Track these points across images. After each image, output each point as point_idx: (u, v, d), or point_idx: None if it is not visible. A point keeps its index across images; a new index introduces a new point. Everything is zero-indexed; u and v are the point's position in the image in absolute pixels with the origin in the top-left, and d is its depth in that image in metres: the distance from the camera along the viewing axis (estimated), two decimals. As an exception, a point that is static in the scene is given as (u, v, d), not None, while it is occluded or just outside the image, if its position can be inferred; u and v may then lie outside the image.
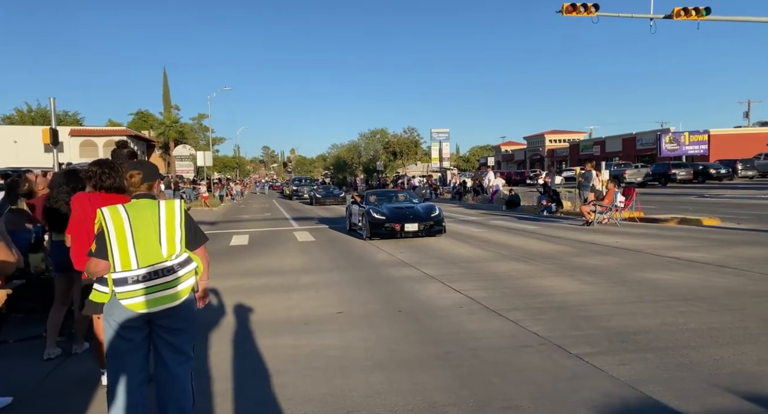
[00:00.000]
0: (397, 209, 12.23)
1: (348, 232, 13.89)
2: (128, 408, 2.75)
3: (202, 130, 58.41)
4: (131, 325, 2.72)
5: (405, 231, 11.59)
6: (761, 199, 20.08)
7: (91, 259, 2.72)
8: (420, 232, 11.69)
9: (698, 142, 45.66)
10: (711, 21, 17.60)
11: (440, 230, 11.94)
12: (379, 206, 12.52)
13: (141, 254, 2.69)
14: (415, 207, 12.54)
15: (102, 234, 2.70)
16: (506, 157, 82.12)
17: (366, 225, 11.93)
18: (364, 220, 12.08)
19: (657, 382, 3.55)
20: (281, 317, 5.62)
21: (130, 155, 4.29)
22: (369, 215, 11.88)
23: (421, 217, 11.92)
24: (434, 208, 12.58)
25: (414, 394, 3.49)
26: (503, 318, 5.27)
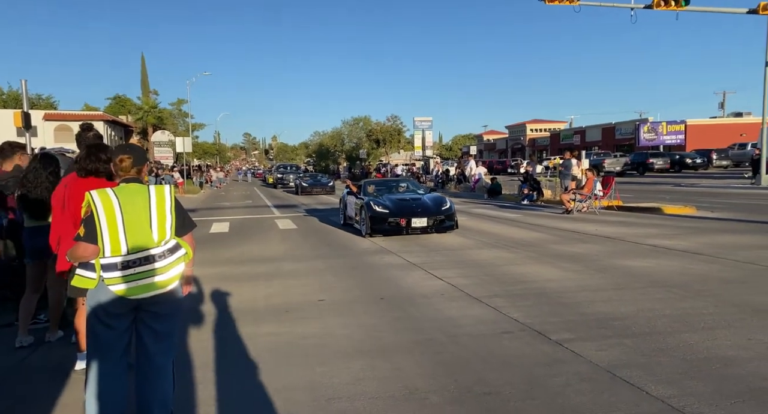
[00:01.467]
0: (401, 201, 10.55)
1: (342, 226, 12.33)
2: (108, 395, 2.70)
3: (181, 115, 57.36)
4: (118, 311, 2.68)
5: (412, 227, 10.00)
6: (734, 188, 20.55)
7: (79, 243, 2.63)
8: (429, 228, 10.10)
9: (675, 132, 46.50)
10: (689, 11, 17.81)
11: (452, 226, 10.39)
12: (380, 198, 10.81)
13: (131, 239, 2.64)
14: (422, 199, 10.76)
15: (91, 218, 2.62)
16: (488, 146, 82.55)
17: (365, 220, 10.26)
18: (363, 213, 10.42)
19: (634, 366, 3.61)
20: (262, 305, 5.57)
21: (95, 138, 4.17)
22: (369, 208, 10.20)
23: (429, 210, 10.20)
24: (444, 200, 10.75)
25: (395, 380, 3.50)
26: (484, 305, 5.30)
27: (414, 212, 10.11)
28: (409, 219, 9.99)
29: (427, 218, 10.04)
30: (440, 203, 10.53)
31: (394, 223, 10.04)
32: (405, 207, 10.30)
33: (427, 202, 10.60)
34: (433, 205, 10.44)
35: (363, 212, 10.46)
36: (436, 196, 11.10)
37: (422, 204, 10.45)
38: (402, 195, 11.38)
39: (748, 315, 4.70)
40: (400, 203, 10.45)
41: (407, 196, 11.11)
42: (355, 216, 11.28)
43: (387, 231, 10.12)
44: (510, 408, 3.07)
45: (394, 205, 10.29)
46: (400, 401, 3.19)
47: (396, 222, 10.02)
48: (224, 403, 3.26)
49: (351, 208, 11.83)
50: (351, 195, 12.06)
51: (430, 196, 11.10)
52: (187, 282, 3.05)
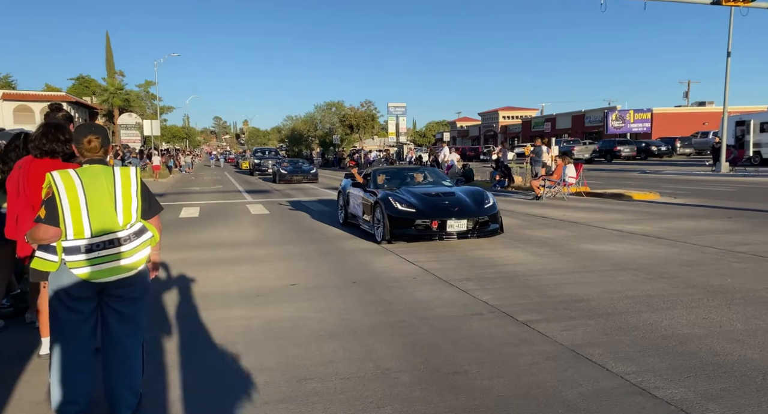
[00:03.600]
0: (430, 197, 8.07)
1: (342, 225, 10.05)
2: (73, 380, 2.68)
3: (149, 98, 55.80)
4: (81, 295, 2.63)
5: (447, 232, 7.55)
6: (696, 175, 21.27)
7: (40, 225, 2.55)
8: (469, 233, 7.66)
9: (642, 120, 47.66)
10: (656, 1, 18.17)
11: (497, 229, 7.99)
12: (400, 191, 8.39)
13: (95, 222, 2.59)
14: (455, 193, 8.27)
15: (53, 199, 2.55)
16: (461, 133, 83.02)
17: (383, 221, 7.85)
18: (379, 213, 8.03)
19: (596, 345, 3.75)
20: (233, 290, 5.55)
21: (65, 120, 4.06)
22: (388, 206, 7.79)
23: (469, 209, 7.81)
24: (485, 194, 8.35)
25: (366, 361, 3.56)
26: (455, 288, 5.40)
27: (449, 212, 7.67)
28: (444, 221, 7.54)
29: (467, 220, 7.63)
30: (481, 199, 8.16)
31: (422, 227, 7.60)
32: (437, 205, 7.83)
33: (464, 197, 8.13)
34: (473, 201, 8.03)
35: (377, 211, 8.08)
36: (472, 190, 8.63)
37: (458, 201, 7.98)
38: (426, 188, 8.83)
39: (705, 296, 4.92)
40: (428, 200, 7.96)
41: (435, 190, 8.56)
42: (363, 215, 8.92)
43: (413, 236, 7.66)
44: (477, 386, 3.17)
45: (422, 203, 7.84)
46: (370, 381, 3.26)
47: (426, 225, 7.58)
48: (195, 386, 3.26)
49: (356, 203, 9.37)
50: (356, 187, 9.45)
51: (464, 190, 8.64)
52: (154, 267, 3.02)
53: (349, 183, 10.12)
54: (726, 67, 21.84)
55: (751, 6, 18.36)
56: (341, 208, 10.43)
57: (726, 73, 21.95)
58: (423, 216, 7.64)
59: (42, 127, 3.56)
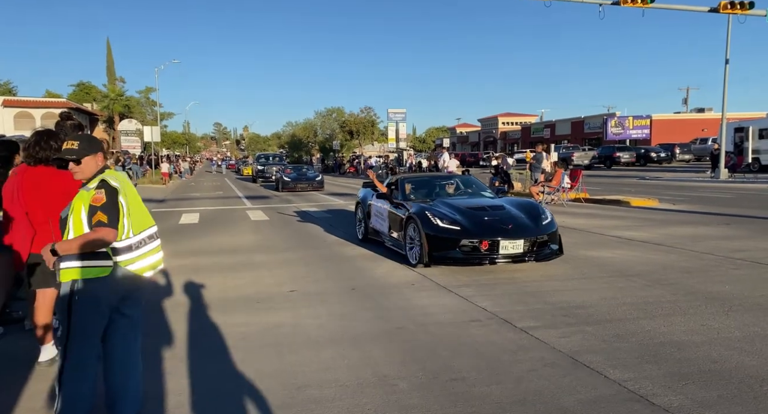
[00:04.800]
0: (475, 211, 6.78)
1: (361, 241, 8.78)
2: (88, 388, 2.68)
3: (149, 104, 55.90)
4: (113, 299, 2.71)
5: (500, 254, 6.25)
6: (695, 181, 21.31)
7: (107, 230, 2.57)
8: (526, 255, 6.33)
9: (641, 126, 47.75)
10: (655, 9, 18.29)
11: (556, 251, 6.67)
12: (437, 204, 7.01)
13: (138, 219, 2.76)
14: (506, 207, 6.94)
15: (112, 203, 2.61)
16: (461, 139, 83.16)
17: (418, 240, 6.60)
18: (413, 230, 6.77)
19: (594, 352, 3.76)
20: (232, 296, 5.56)
21: (74, 128, 4.09)
22: (426, 222, 6.48)
23: (525, 227, 6.50)
24: (539, 208, 7.09)
25: (364, 368, 3.57)
26: (453, 294, 5.41)
27: (501, 229, 6.34)
28: (496, 241, 6.22)
29: (524, 240, 6.31)
30: (536, 214, 6.80)
31: (469, 248, 6.28)
32: (485, 221, 6.52)
33: (516, 212, 6.81)
34: (528, 217, 6.70)
35: (411, 228, 6.81)
36: (523, 202, 7.34)
37: (510, 216, 6.66)
38: (465, 199, 7.51)
39: (703, 302, 4.93)
40: (474, 214, 6.67)
41: (478, 202, 7.26)
42: (389, 231, 7.66)
43: (458, 260, 6.32)
44: (475, 393, 3.17)
45: (468, 218, 6.52)
46: (368, 388, 3.26)
47: (473, 246, 6.26)
48: (195, 392, 3.27)
49: (380, 218, 8.05)
50: (381, 198, 8.09)
51: (513, 202, 7.33)
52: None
53: (369, 193, 8.86)
54: (724, 74, 21.95)
55: (748, 14, 18.48)
56: (360, 222, 9.09)
57: (724, 80, 22.05)
58: (470, 235, 6.27)
59: (35, 135, 3.58)
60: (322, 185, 22.73)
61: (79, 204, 2.64)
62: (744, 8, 18.22)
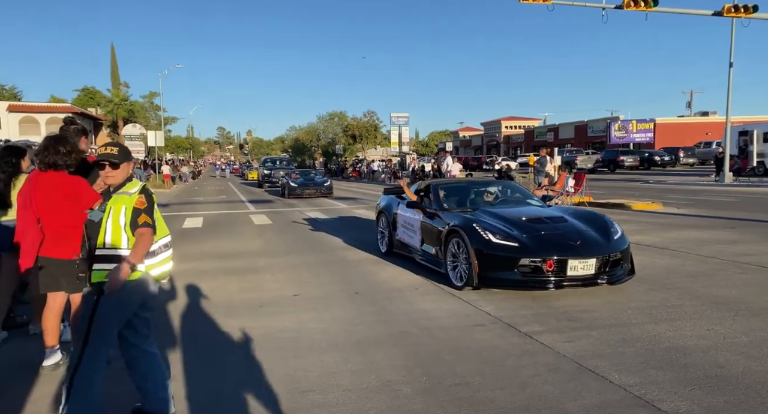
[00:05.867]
0: (533, 224, 5.80)
1: (383, 254, 7.91)
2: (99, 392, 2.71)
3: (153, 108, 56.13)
4: (136, 303, 2.81)
5: (567, 276, 5.26)
6: (699, 185, 21.23)
7: (152, 232, 2.75)
8: (600, 277, 5.36)
9: (645, 130, 47.67)
10: (658, 12, 18.26)
11: (630, 270, 5.74)
12: (483, 216, 6.02)
13: (158, 228, 2.84)
14: (567, 219, 5.96)
15: (152, 207, 2.80)
16: (464, 143, 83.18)
17: (464, 257, 5.63)
18: (455, 245, 5.82)
19: (600, 357, 3.74)
20: (236, 300, 5.56)
21: (78, 132, 4.12)
22: (475, 237, 5.52)
23: (596, 242, 5.53)
24: (606, 220, 6.06)
25: (368, 373, 3.55)
26: (457, 298, 5.39)
27: (569, 246, 5.38)
28: (563, 260, 5.23)
29: (596, 258, 5.34)
30: (604, 227, 5.85)
31: (530, 269, 5.30)
32: (548, 236, 5.54)
33: (580, 224, 5.83)
34: (596, 231, 5.73)
35: (454, 243, 5.83)
36: (585, 213, 6.36)
37: (576, 230, 5.69)
38: (515, 209, 6.52)
39: (708, 307, 4.90)
40: (532, 228, 5.67)
41: (533, 213, 6.28)
42: (422, 245, 6.73)
43: (517, 283, 5.35)
44: (480, 397, 3.15)
45: (526, 233, 5.53)
46: (372, 393, 3.25)
47: (535, 266, 5.28)
48: (198, 397, 3.26)
49: (410, 229, 7.15)
50: (412, 208, 7.07)
51: (574, 213, 6.35)
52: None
53: (394, 201, 7.98)
54: (729, 78, 21.89)
55: (752, 17, 18.43)
56: (382, 233, 8.19)
57: (728, 84, 21.99)
58: (531, 253, 5.28)
59: (45, 140, 3.62)
60: (330, 191, 21.18)
61: (118, 206, 2.74)
62: (748, 12, 18.18)
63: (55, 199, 3.50)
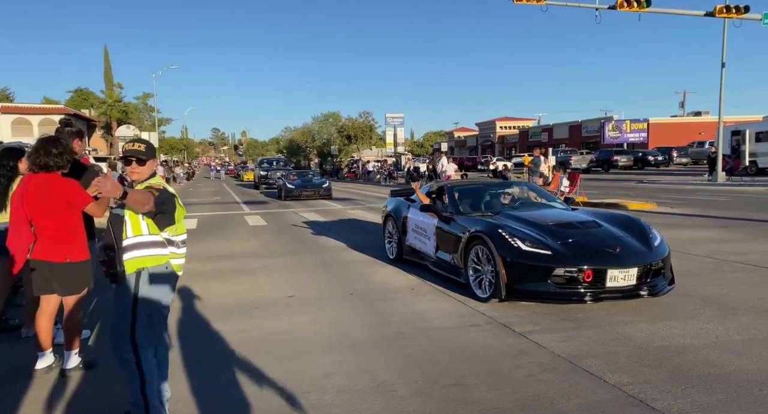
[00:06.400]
0: (564, 229, 5.29)
1: (393, 261, 7.46)
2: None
3: (147, 110, 55.97)
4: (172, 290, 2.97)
5: (606, 288, 4.78)
6: (693, 184, 21.36)
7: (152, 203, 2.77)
8: (642, 288, 4.85)
9: (638, 130, 47.92)
10: (651, 13, 18.36)
11: (671, 280, 5.24)
12: (505, 219, 5.57)
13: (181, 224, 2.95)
14: (601, 224, 5.47)
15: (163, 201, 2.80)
16: (459, 143, 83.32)
17: (493, 267, 5.05)
18: (477, 253, 5.33)
19: (594, 356, 3.76)
20: (231, 302, 5.54)
21: (73, 134, 4.11)
22: (502, 244, 5.03)
23: (635, 249, 5.05)
24: (642, 224, 5.57)
25: (364, 374, 3.55)
26: (453, 299, 5.41)
27: (608, 254, 4.90)
28: (602, 270, 4.75)
29: (638, 268, 4.84)
30: (641, 232, 5.38)
31: (564, 280, 4.79)
32: (583, 243, 5.05)
33: (618, 230, 5.35)
34: (634, 237, 5.26)
35: (477, 251, 5.34)
36: (617, 216, 5.90)
37: (613, 236, 5.21)
38: (541, 212, 6.08)
39: (701, 306, 4.93)
40: (565, 234, 5.17)
41: (562, 217, 5.77)
42: (436, 251, 6.29)
43: (551, 295, 4.86)
44: (475, 398, 3.17)
45: (558, 239, 5.06)
46: (368, 394, 3.25)
47: (571, 276, 4.77)
48: (191, 399, 3.25)
49: (423, 235, 6.66)
50: (425, 212, 6.55)
51: (606, 216, 5.88)
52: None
53: (403, 204, 7.57)
54: (721, 78, 22.03)
55: (744, 17, 18.55)
56: (390, 237, 7.71)
57: (721, 84, 22.12)
58: (566, 261, 4.79)
59: (37, 141, 3.61)
60: (329, 193, 20.31)
61: None
62: (739, 12, 18.31)
63: (46, 201, 3.48)
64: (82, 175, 3.79)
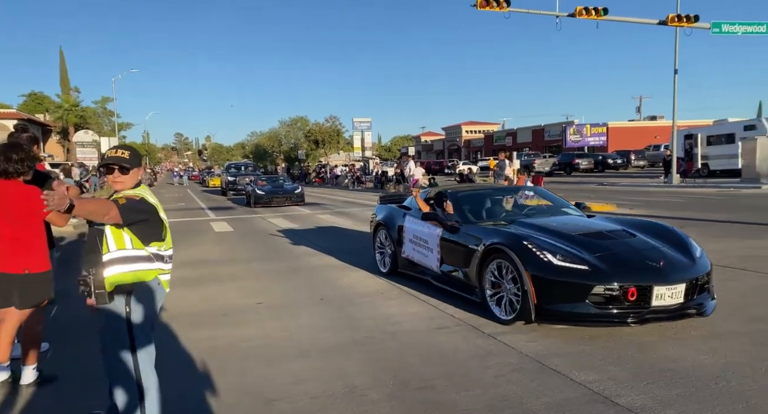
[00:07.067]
0: (596, 240, 4.71)
1: (386, 274, 6.77)
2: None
3: (106, 114, 54.30)
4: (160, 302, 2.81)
5: (652, 308, 4.17)
6: (650, 186, 22.17)
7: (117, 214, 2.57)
8: (687, 307, 4.31)
9: (598, 134, 49.46)
10: (609, 21, 19.04)
11: (713, 297, 4.63)
12: (529, 230, 4.97)
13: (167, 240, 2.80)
14: (635, 233, 4.91)
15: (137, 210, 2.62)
16: (426, 147, 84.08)
17: (519, 285, 4.43)
18: (503, 270, 4.66)
19: (560, 355, 3.85)
20: (198, 309, 5.44)
21: (30, 140, 3.97)
22: (530, 258, 4.41)
23: (680, 263, 4.51)
24: (678, 233, 5.09)
25: (335, 379, 3.55)
26: (422, 302, 5.45)
27: (651, 269, 4.35)
28: (647, 287, 4.18)
29: (685, 283, 4.30)
30: (681, 242, 4.87)
31: (604, 299, 4.20)
32: (621, 255, 4.50)
33: (655, 241, 4.80)
34: (674, 248, 4.72)
35: (497, 266, 4.74)
36: (651, 225, 5.30)
37: (652, 247, 4.67)
38: (560, 220, 5.51)
39: (660, 303, 5.11)
40: (597, 245, 4.61)
41: (588, 226, 5.21)
42: (440, 266, 5.65)
43: (590, 317, 4.23)
44: (446, 400, 3.20)
45: (591, 251, 4.49)
46: (340, 399, 3.25)
47: (612, 295, 4.18)
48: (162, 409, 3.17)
49: (424, 246, 5.97)
50: (428, 221, 5.88)
51: (636, 224, 5.37)
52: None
53: (396, 212, 6.82)
54: (674, 84, 22.99)
55: (694, 26, 19.43)
56: (381, 249, 7.01)
57: (674, 89, 23.10)
58: (606, 278, 4.20)
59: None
60: (302, 199, 19.21)
61: None
62: (690, 21, 19.17)
63: (6, 208, 3.35)
64: (45, 182, 3.66)
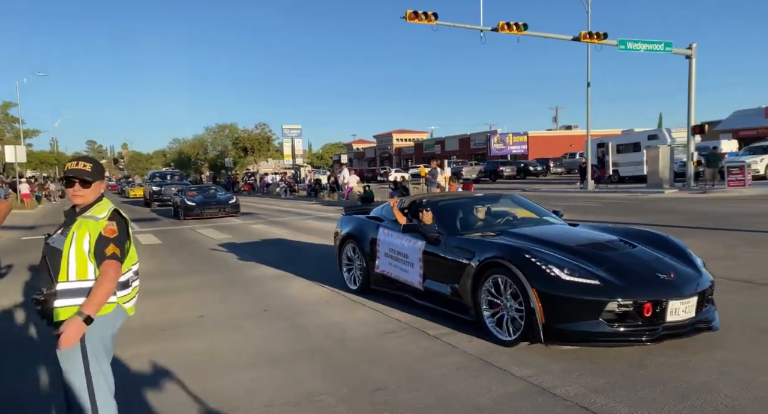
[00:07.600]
0: (600, 251, 4.46)
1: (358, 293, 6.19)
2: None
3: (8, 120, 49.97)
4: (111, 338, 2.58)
5: (666, 324, 3.92)
6: (568, 192, 23.70)
7: (120, 265, 2.43)
8: (698, 321, 4.09)
9: (520, 142, 52.13)
10: (528, 36, 20.26)
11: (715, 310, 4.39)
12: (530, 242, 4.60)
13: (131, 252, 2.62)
14: (635, 244, 4.70)
15: (125, 236, 2.50)
16: (358, 155, 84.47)
17: (523, 302, 4.08)
18: (502, 286, 4.31)
19: (501, 353, 4.10)
20: (135, 325, 5.18)
21: None
22: (536, 274, 4.06)
23: (688, 275, 4.29)
24: (675, 242, 4.84)
25: (289, 387, 3.58)
26: (367, 308, 5.57)
27: (663, 283, 4.12)
28: (661, 302, 3.95)
29: (697, 296, 4.11)
30: (681, 251, 4.68)
31: (617, 316, 3.96)
32: (630, 268, 4.25)
33: (656, 251, 4.61)
34: (676, 258, 4.55)
35: (495, 282, 4.39)
36: (646, 234, 5.06)
37: (656, 258, 4.45)
38: (547, 229, 5.33)
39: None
40: (603, 257, 4.37)
41: (583, 236, 4.98)
42: (424, 281, 5.23)
43: (605, 336, 3.93)
44: (397, 401, 3.34)
45: (598, 264, 4.23)
46: (294, 406, 3.29)
47: (625, 311, 3.95)
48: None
49: (403, 261, 5.52)
50: (409, 233, 5.46)
51: (629, 233, 5.12)
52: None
53: (368, 224, 6.27)
54: (587, 95, 24.77)
55: (603, 43, 21.12)
56: (350, 264, 6.45)
57: (587, 100, 24.88)
58: (619, 293, 3.96)
59: None
60: (237, 210, 18.29)
61: (83, 232, 2.40)
62: (600, 38, 20.82)
63: None
64: None
